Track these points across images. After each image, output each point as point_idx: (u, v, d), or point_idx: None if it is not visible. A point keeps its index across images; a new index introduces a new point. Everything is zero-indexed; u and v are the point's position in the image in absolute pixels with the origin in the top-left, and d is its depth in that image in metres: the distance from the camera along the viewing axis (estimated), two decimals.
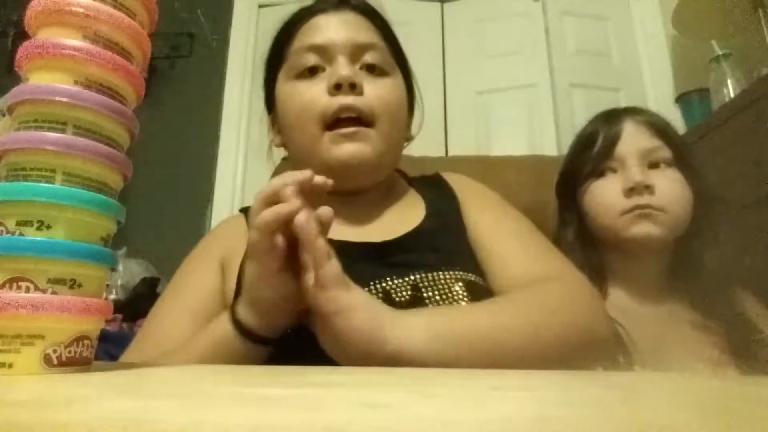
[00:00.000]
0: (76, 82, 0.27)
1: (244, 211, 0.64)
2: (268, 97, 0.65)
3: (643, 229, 0.70)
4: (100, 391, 0.19)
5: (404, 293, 0.49)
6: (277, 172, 0.99)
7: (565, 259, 0.56)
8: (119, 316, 1.32)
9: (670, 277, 0.74)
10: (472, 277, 0.51)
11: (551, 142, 1.87)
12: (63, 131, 0.26)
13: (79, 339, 0.26)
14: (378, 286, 0.49)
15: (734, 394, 0.21)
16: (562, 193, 0.81)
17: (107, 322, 0.28)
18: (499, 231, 0.58)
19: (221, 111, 2.11)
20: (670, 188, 0.71)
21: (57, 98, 0.26)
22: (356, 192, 0.59)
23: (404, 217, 0.59)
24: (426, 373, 0.26)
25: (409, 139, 0.67)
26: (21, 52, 0.27)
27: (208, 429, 0.13)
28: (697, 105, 1.50)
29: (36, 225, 0.25)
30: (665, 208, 0.70)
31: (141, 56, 0.31)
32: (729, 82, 1.35)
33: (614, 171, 0.74)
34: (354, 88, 0.55)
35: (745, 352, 0.64)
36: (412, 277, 0.50)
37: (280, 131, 0.63)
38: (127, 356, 0.53)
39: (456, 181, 0.66)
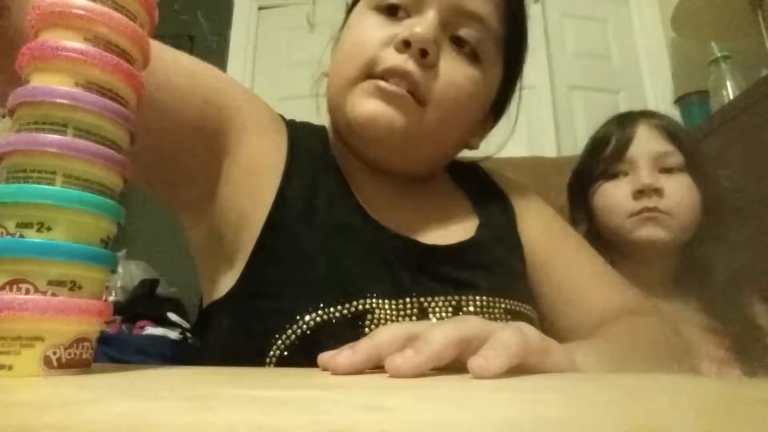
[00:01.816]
0: (76, 84, 0.27)
1: (288, 121, 0.54)
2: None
3: (650, 232, 0.70)
4: (100, 393, 0.19)
5: (443, 314, 0.43)
6: None
7: (631, 287, 0.53)
8: (119, 317, 1.32)
9: (677, 278, 0.75)
10: (521, 308, 0.46)
11: (551, 144, 1.88)
12: (63, 133, 0.26)
13: (78, 341, 0.26)
14: (414, 300, 0.43)
15: (736, 396, 0.21)
16: (574, 192, 0.82)
17: (107, 324, 0.28)
18: (566, 258, 0.52)
19: None
20: (679, 193, 0.71)
21: (57, 100, 0.26)
22: (395, 173, 0.51)
23: (452, 219, 0.51)
24: (426, 376, 0.26)
25: (471, 146, 0.55)
26: (22, 53, 0.27)
27: (209, 431, 0.13)
28: (696, 107, 1.51)
29: (36, 227, 0.25)
30: (673, 213, 0.70)
31: (141, 58, 0.31)
32: (728, 83, 1.35)
33: (626, 174, 0.74)
34: (425, 56, 0.43)
35: (751, 355, 0.64)
36: (456, 297, 0.43)
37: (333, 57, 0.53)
38: None
39: (508, 185, 0.59)
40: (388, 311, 0.41)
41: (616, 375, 0.29)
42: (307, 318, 0.39)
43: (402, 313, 0.42)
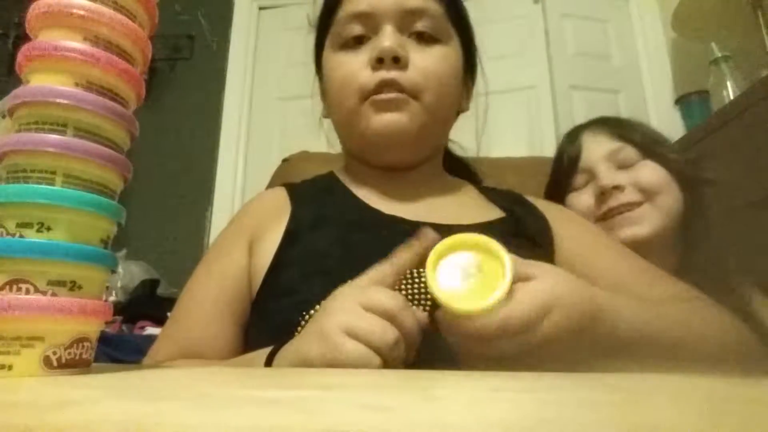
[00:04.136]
0: (76, 84, 0.27)
1: (287, 185, 0.61)
2: (318, 62, 0.63)
3: (627, 233, 0.69)
4: (99, 393, 0.19)
5: None
6: (277, 174, 0.99)
7: (683, 283, 0.54)
8: (119, 318, 1.32)
9: (673, 274, 0.74)
10: None
11: (551, 144, 1.87)
12: (63, 133, 0.26)
13: (78, 341, 0.26)
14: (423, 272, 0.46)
15: (736, 396, 0.21)
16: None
17: (107, 324, 0.28)
18: (610, 259, 0.54)
19: (221, 113, 2.11)
20: (644, 178, 0.71)
21: (57, 100, 0.26)
22: (403, 168, 0.57)
23: (468, 208, 0.56)
24: (426, 375, 0.26)
25: (462, 110, 0.63)
26: (22, 54, 0.27)
27: (208, 431, 0.13)
28: (696, 107, 1.50)
29: (36, 227, 0.25)
30: (643, 199, 0.70)
31: (141, 58, 0.31)
32: (728, 84, 1.35)
33: (587, 182, 0.75)
34: (398, 61, 0.51)
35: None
36: None
37: (326, 101, 0.62)
38: (157, 345, 0.51)
39: (542, 203, 0.62)
40: (404, 282, 0.44)
41: (616, 375, 0.29)
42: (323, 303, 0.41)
43: (416, 283, 0.44)
